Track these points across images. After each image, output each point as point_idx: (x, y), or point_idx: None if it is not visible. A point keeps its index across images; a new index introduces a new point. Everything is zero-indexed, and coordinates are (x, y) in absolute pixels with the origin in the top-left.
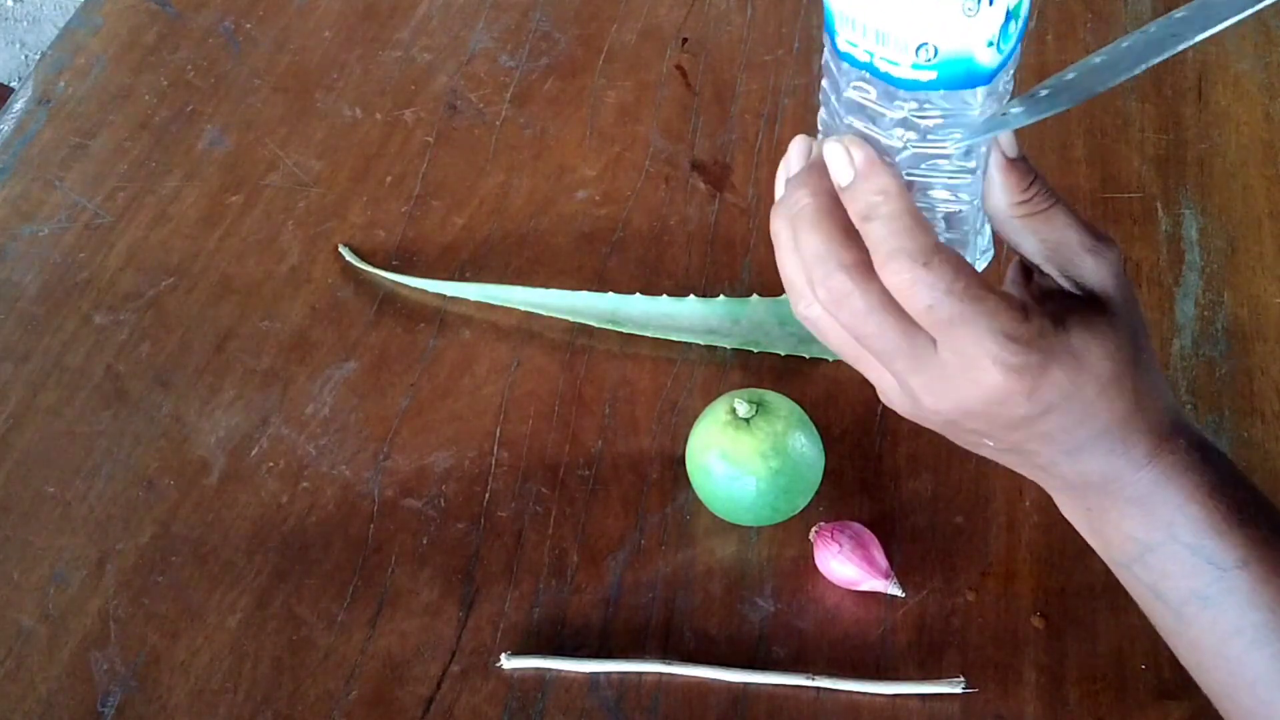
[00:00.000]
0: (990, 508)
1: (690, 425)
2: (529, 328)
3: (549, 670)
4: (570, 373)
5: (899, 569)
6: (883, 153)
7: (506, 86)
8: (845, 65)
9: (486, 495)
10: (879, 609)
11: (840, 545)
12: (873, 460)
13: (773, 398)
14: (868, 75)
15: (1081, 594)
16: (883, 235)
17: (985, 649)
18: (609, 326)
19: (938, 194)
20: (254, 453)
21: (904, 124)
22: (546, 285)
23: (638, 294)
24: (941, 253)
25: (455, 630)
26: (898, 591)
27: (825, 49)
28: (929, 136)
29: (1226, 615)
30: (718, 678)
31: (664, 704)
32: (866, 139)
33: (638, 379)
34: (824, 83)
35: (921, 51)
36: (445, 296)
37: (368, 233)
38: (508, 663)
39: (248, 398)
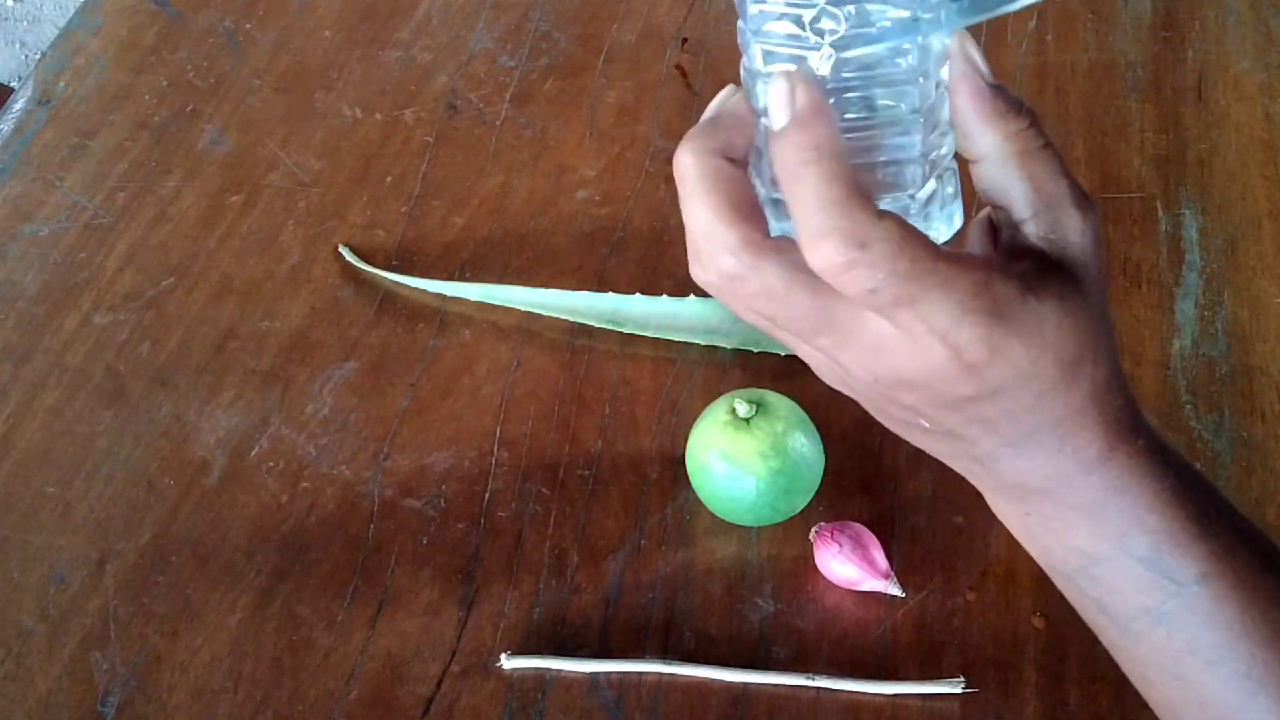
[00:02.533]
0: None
1: (690, 425)
2: (529, 328)
3: (549, 670)
4: (570, 373)
5: (899, 569)
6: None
7: (506, 86)
8: None
9: (486, 495)
10: (879, 609)
11: (840, 545)
12: (873, 460)
13: (773, 398)
14: None
15: None
16: (810, 206)
17: (985, 649)
18: (609, 326)
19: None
20: (254, 453)
21: (824, 14)
22: (546, 285)
23: (638, 294)
24: (882, 228)
25: (455, 630)
26: (898, 591)
27: None
28: (859, 28)
29: (1181, 634)
30: (718, 678)
31: (664, 704)
32: (784, 60)
33: (638, 379)
34: (739, 23)
35: None
36: (445, 296)
37: (368, 233)
38: (508, 663)
39: (248, 398)
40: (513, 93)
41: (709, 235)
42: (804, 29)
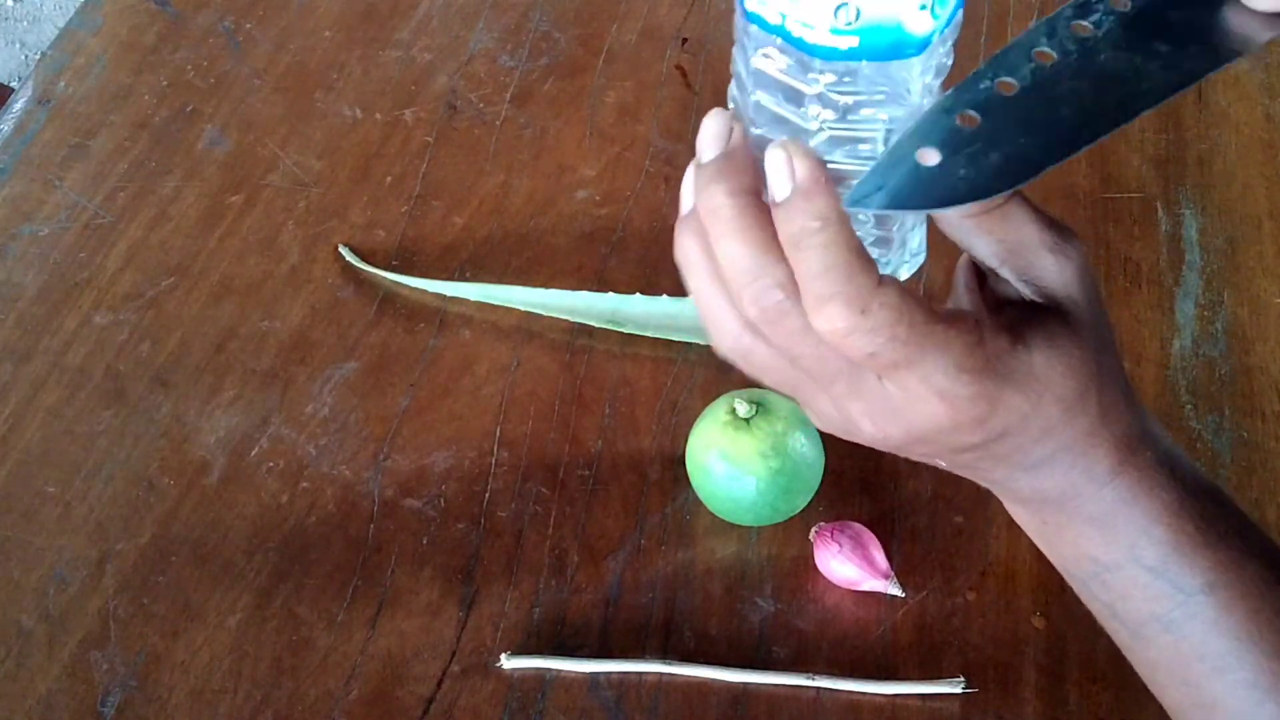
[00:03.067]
0: (990, 508)
1: (690, 425)
2: (529, 328)
3: (549, 670)
4: (570, 373)
5: (899, 569)
6: (796, 137)
7: (506, 86)
8: (754, 29)
9: (486, 495)
10: (879, 609)
11: (840, 545)
12: (873, 460)
13: (773, 398)
14: (780, 41)
15: None
16: (815, 271)
17: (985, 649)
18: (609, 326)
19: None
20: (254, 453)
21: (820, 100)
22: (546, 285)
23: (638, 294)
24: (882, 294)
25: (455, 630)
26: (898, 591)
27: (736, 10)
28: (849, 117)
29: (1188, 640)
30: (718, 678)
31: (664, 704)
32: (774, 119)
33: (638, 379)
34: (734, 50)
35: (841, 12)
36: (445, 296)
37: (368, 233)
38: (508, 663)
39: (248, 398)
40: (513, 93)
41: (754, 271)
42: (800, 104)
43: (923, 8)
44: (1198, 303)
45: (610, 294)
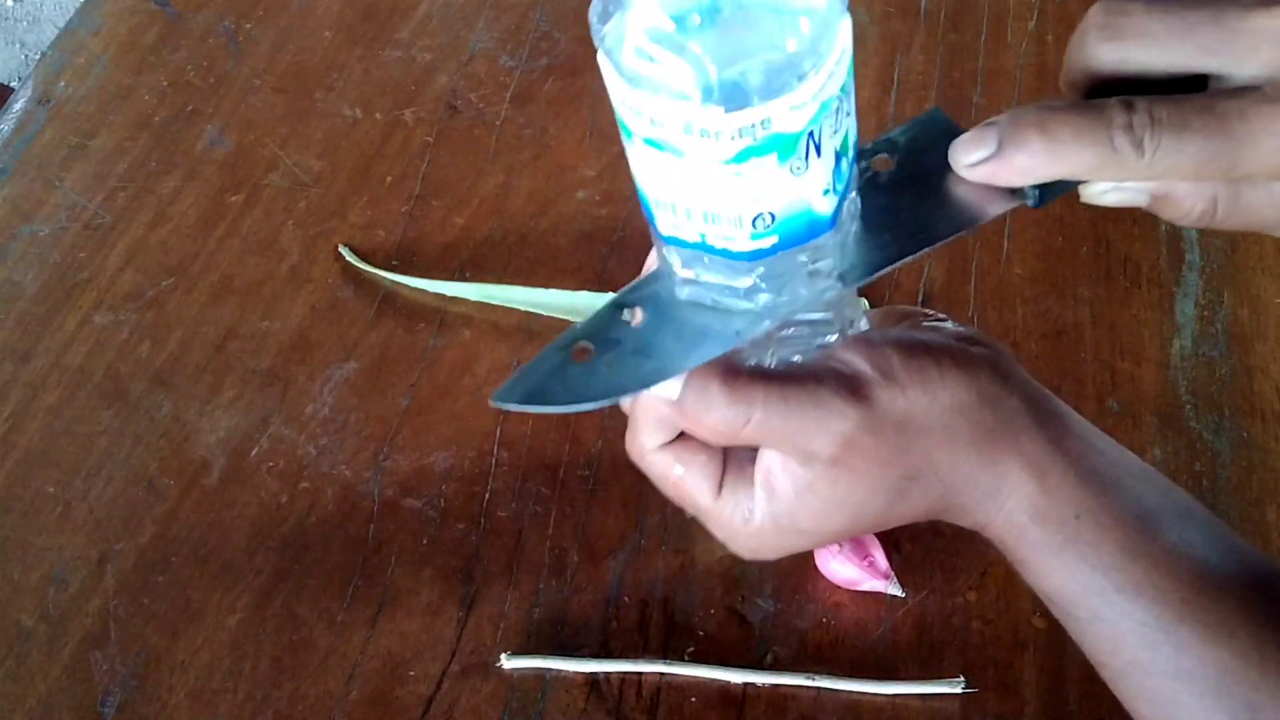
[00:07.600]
0: None
1: None
2: (529, 328)
3: (549, 670)
4: None
5: (899, 569)
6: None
7: (506, 86)
8: (672, 247)
9: (486, 495)
10: (879, 609)
11: (840, 545)
12: None
13: None
14: (701, 254)
15: None
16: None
17: (985, 649)
18: None
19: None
20: (254, 453)
21: (755, 288)
22: (546, 285)
23: None
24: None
25: (455, 630)
26: (898, 591)
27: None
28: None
29: (1112, 629)
30: (718, 678)
31: (664, 704)
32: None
33: None
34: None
35: (759, 221)
36: (445, 296)
37: (368, 233)
38: (508, 663)
39: (248, 398)
40: (513, 93)
41: (709, 512)
42: (738, 294)
43: (826, 191)
44: (1198, 303)
45: (610, 294)
